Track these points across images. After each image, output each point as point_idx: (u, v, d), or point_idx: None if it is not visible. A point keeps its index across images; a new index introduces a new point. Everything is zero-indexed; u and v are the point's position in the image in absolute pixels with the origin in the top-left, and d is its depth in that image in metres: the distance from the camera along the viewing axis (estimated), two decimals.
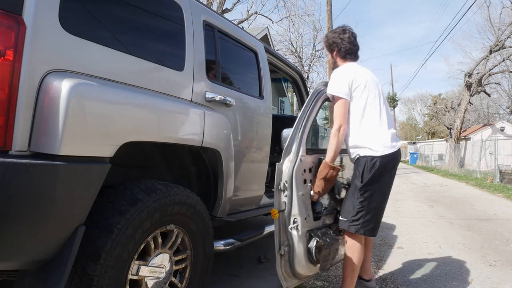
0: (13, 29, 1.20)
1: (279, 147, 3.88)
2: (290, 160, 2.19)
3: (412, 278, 2.97)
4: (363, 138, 2.20)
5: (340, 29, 2.41)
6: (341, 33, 2.38)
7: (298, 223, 2.15)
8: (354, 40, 2.38)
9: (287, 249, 2.16)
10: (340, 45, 2.36)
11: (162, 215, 1.65)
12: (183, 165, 2.23)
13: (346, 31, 2.38)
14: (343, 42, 2.35)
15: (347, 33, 2.36)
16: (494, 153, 13.08)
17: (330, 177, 2.19)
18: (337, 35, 2.38)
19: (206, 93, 2.08)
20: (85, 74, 1.43)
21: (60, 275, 1.29)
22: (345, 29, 2.39)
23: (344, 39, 2.35)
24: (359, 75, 2.25)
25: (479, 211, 6.53)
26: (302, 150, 2.22)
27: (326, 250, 2.21)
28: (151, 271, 1.63)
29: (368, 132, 2.19)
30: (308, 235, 2.22)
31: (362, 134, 2.20)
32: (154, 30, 1.86)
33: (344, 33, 2.36)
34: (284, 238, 2.15)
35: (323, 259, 2.22)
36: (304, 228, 2.18)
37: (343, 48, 2.35)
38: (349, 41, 2.35)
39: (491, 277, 3.03)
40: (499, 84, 26.98)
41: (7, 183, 1.15)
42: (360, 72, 2.29)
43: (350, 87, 2.21)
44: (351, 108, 2.22)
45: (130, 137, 1.53)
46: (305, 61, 24.30)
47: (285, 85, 16.55)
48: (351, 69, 2.29)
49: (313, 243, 2.21)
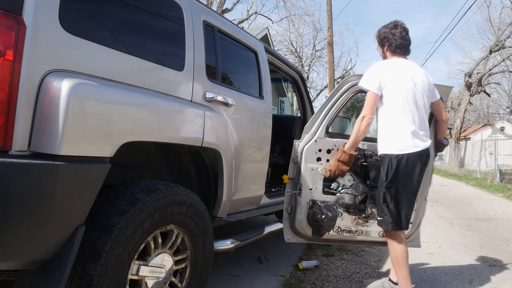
0: (13, 29, 1.20)
1: (279, 147, 3.90)
2: (305, 139, 2.56)
3: (412, 278, 2.97)
4: (385, 136, 2.35)
5: (392, 24, 2.44)
6: (392, 28, 2.41)
7: (301, 191, 2.52)
8: (406, 35, 2.41)
9: (290, 209, 2.56)
10: (391, 40, 2.39)
11: (162, 215, 1.64)
12: (183, 165, 2.23)
13: (398, 26, 2.41)
14: (394, 37, 2.38)
15: (398, 28, 2.40)
16: (494, 153, 13.09)
17: (344, 160, 2.39)
18: (389, 30, 2.41)
19: (206, 93, 2.08)
20: (85, 74, 1.42)
21: (60, 275, 1.29)
22: (397, 24, 2.42)
23: (396, 34, 2.38)
24: (393, 72, 2.32)
25: (479, 211, 6.53)
26: (319, 132, 2.55)
27: (320, 220, 2.45)
28: (151, 271, 1.63)
29: (389, 130, 2.32)
30: (310, 203, 2.54)
31: (385, 131, 2.35)
32: (154, 30, 1.86)
33: (396, 28, 2.40)
34: (291, 200, 2.56)
35: (316, 226, 2.53)
36: (307, 196, 2.53)
37: (394, 43, 2.39)
38: (400, 36, 2.38)
39: (491, 277, 3.03)
40: (499, 84, 27.04)
41: (7, 183, 1.15)
42: (396, 69, 2.34)
43: (380, 82, 2.29)
44: (382, 103, 2.34)
45: (130, 137, 1.53)
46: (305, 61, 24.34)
47: (285, 85, 16.55)
48: (387, 65, 2.38)
49: (311, 211, 2.52)
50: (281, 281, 2.74)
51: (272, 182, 3.68)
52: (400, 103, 2.28)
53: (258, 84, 2.78)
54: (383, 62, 2.44)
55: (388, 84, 2.28)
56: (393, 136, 2.29)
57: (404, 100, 2.28)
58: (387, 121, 2.32)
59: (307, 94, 3.81)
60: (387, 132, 2.33)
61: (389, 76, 2.30)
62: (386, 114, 2.33)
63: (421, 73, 2.39)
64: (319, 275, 2.93)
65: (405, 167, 2.24)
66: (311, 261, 3.12)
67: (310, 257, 3.37)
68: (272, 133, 2.81)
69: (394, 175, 2.25)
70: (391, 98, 2.29)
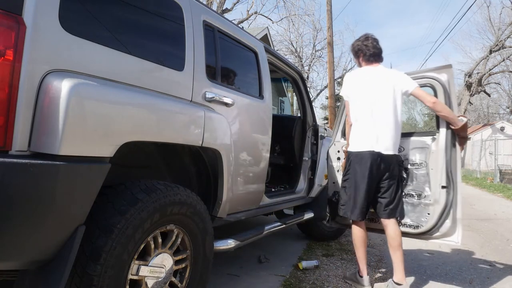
0: (13, 29, 1.20)
1: (279, 147, 3.90)
2: (330, 143, 3.22)
3: (412, 278, 2.97)
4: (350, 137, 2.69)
5: (363, 37, 2.78)
6: (364, 40, 2.74)
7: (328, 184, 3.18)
8: (377, 44, 2.71)
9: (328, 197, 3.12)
10: (365, 51, 2.70)
11: (162, 215, 1.64)
12: (183, 165, 2.23)
13: (368, 38, 2.73)
14: (367, 47, 2.69)
15: (369, 40, 2.72)
16: (494, 153, 13.09)
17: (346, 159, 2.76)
18: (361, 42, 2.73)
19: (206, 93, 2.08)
20: (85, 74, 1.42)
21: (60, 275, 1.29)
22: (368, 36, 2.76)
23: (368, 45, 2.70)
24: (356, 83, 2.68)
25: (479, 211, 6.54)
26: (337, 136, 3.14)
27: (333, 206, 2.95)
28: (151, 271, 1.63)
29: (352, 132, 2.67)
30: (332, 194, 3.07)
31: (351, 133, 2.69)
32: (154, 30, 1.86)
33: (367, 40, 2.72)
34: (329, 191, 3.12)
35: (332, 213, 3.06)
36: (332, 188, 3.10)
37: (368, 52, 2.69)
38: (372, 46, 2.69)
39: (491, 277, 3.03)
40: (499, 84, 27.02)
41: (7, 183, 1.15)
42: (360, 79, 2.68)
43: (348, 91, 2.71)
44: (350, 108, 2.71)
45: (130, 137, 1.53)
46: (305, 61, 24.33)
47: (285, 85, 16.54)
48: (354, 76, 2.74)
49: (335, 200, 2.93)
50: (281, 281, 2.74)
51: (272, 182, 3.69)
52: (357, 111, 2.63)
53: (258, 84, 2.78)
54: (352, 73, 2.79)
55: (350, 94, 2.69)
56: (353, 137, 2.64)
57: (360, 109, 2.61)
58: (353, 125, 2.68)
59: (307, 94, 3.80)
60: (351, 134, 2.68)
61: (353, 87, 2.69)
62: (351, 119, 2.69)
63: (386, 78, 2.60)
64: (319, 275, 2.93)
65: (357, 164, 2.56)
66: (311, 261, 3.12)
67: (310, 257, 3.37)
68: (272, 133, 2.81)
69: (348, 169, 2.63)
70: (352, 106, 2.68)
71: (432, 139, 2.69)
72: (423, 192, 2.69)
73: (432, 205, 2.63)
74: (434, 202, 2.62)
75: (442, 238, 2.63)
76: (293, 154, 3.74)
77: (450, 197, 2.57)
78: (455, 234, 2.58)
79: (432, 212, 2.62)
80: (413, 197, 2.74)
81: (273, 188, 3.56)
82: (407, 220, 2.73)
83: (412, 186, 2.74)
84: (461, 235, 2.57)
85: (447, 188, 2.58)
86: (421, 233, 2.68)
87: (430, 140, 2.70)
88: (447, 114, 2.54)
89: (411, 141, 2.77)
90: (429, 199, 2.65)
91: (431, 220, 2.63)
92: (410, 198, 2.75)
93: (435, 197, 2.62)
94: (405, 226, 2.73)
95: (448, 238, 2.61)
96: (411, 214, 2.72)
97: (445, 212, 2.57)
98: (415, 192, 2.73)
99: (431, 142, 2.69)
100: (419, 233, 2.70)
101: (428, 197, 2.66)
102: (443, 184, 2.59)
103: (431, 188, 2.64)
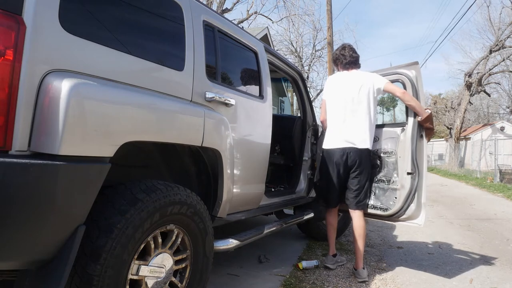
0: (13, 29, 1.20)
1: (279, 147, 3.90)
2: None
3: (412, 278, 2.97)
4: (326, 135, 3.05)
5: (341, 46, 3.13)
6: (341, 49, 3.08)
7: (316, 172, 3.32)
8: (353, 53, 3.04)
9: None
10: (342, 59, 3.04)
11: (162, 215, 1.64)
12: (183, 165, 2.23)
13: (345, 48, 3.07)
14: (344, 56, 3.03)
15: (346, 49, 3.05)
16: (494, 153, 13.09)
17: None
18: (339, 52, 3.08)
19: (206, 93, 2.08)
20: (85, 74, 1.42)
21: (60, 275, 1.29)
22: (345, 46, 3.10)
23: (345, 54, 3.02)
24: (331, 86, 3.06)
25: (479, 211, 6.54)
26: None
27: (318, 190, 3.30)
28: (151, 271, 1.63)
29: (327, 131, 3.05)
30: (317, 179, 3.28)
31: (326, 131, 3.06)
32: (154, 30, 1.86)
33: (344, 50, 3.06)
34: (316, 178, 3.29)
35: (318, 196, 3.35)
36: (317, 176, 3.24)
37: (344, 60, 3.03)
38: (349, 55, 3.01)
39: (491, 277, 3.03)
40: (499, 84, 26.98)
41: (7, 183, 1.15)
42: (334, 83, 3.05)
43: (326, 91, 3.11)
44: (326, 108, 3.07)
45: (130, 137, 1.52)
46: (305, 61, 24.31)
47: (285, 85, 16.55)
48: (330, 80, 3.12)
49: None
50: (281, 281, 2.74)
51: (272, 182, 3.69)
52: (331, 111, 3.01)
53: (258, 84, 2.78)
54: (331, 77, 3.17)
55: (327, 96, 3.07)
56: (326, 135, 3.03)
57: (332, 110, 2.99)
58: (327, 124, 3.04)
59: (307, 94, 3.80)
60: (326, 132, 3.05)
61: (328, 89, 3.08)
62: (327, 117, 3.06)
63: (358, 80, 2.90)
64: (319, 275, 2.93)
65: (327, 159, 2.95)
66: (311, 261, 3.12)
67: (310, 257, 3.37)
68: (272, 133, 2.81)
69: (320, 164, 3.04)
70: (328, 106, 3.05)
71: (402, 129, 2.91)
72: (392, 178, 2.93)
73: (398, 190, 2.86)
74: (401, 187, 2.85)
75: (408, 220, 2.86)
76: (293, 154, 3.75)
77: (415, 183, 2.78)
78: (420, 217, 2.81)
79: (398, 196, 2.85)
80: (384, 183, 2.99)
81: (273, 188, 3.56)
82: (378, 203, 2.99)
83: (383, 173, 2.99)
84: (424, 218, 2.80)
85: (412, 175, 2.79)
86: (389, 215, 2.92)
87: (400, 131, 2.93)
88: (415, 104, 2.79)
89: (384, 131, 3.03)
90: (397, 184, 2.88)
91: (397, 203, 2.85)
92: (381, 184, 3.00)
93: (401, 182, 2.84)
94: (376, 208, 3.00)
95: (413, 221, 2.85)
96: (382, 198, 2.98)
97: (410, 197, 2.80)
98: (385, 178, 2.98)
99: (400, 132, 2.92)
100: (387, 215, 2.94)
101: (395, 183, 2.90)
102: (408, 171, 2.81)
103: (398, 175, 2.88)
